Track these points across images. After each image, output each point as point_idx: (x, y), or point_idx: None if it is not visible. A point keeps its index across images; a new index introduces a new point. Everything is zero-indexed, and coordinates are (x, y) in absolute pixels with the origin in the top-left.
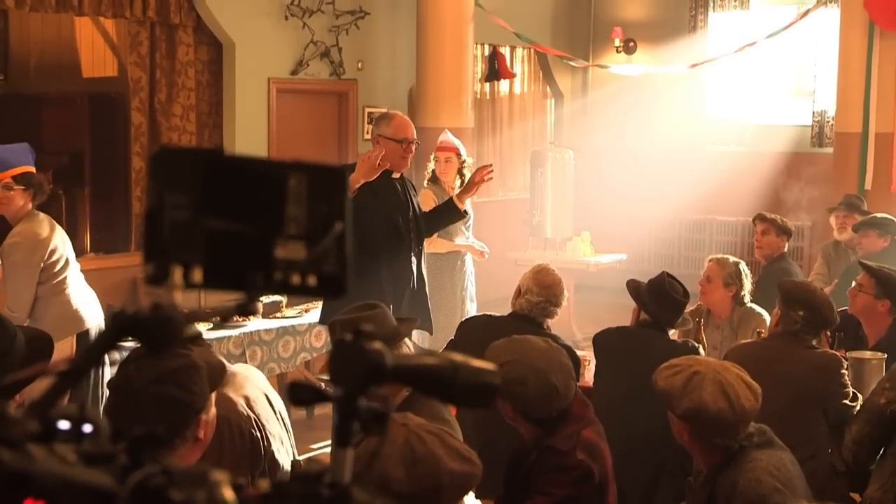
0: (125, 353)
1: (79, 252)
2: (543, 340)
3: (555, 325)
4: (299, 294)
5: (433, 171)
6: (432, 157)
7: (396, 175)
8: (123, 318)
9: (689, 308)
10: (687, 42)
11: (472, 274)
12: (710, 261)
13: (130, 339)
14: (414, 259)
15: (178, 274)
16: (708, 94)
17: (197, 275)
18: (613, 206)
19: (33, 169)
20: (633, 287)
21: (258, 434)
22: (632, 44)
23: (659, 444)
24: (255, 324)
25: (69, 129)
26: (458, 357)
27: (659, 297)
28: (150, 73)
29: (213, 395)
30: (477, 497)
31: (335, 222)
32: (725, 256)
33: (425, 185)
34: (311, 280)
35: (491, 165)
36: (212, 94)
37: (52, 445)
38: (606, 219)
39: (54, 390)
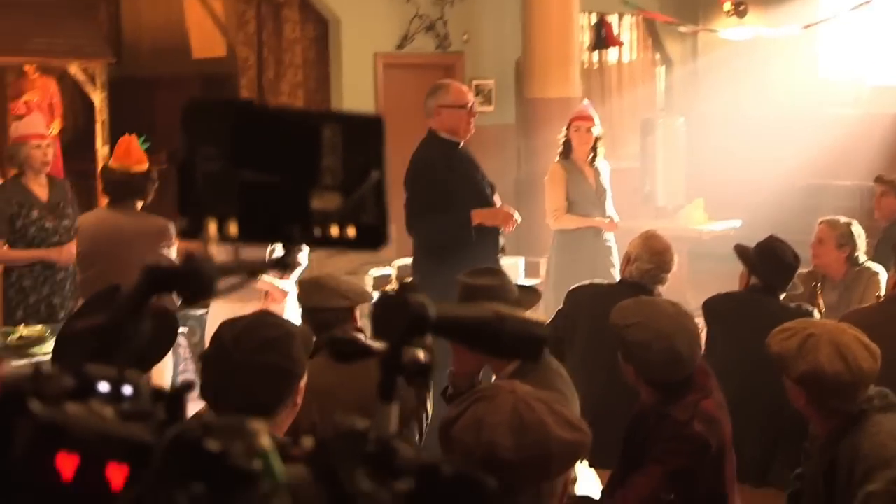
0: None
1: None
2: (671, 304)
3: (669, 293)
4: (338, 247)
5: (564, 143)
6: (564, 128)
7: (461, 144)
8: (156, 272)
9: (803, 271)
10: (800, 2)
11: (608, 249)
12: (821, 223)
13: (164, 292)
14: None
15: (212, 227)
16: (822, 56)
17: (232, 228)
18: (727, 173)
19: None
20: (741, 251)
21: None
22: (742, 7)
23: (775, 410)
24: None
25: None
26: (504, 309)
27: (769, 259)
28: (257, 51)
29: None
30: (591, 467)
31: (371, 171)
32: (837, 217)
33: (556, 160)
34: (350, 231)
35: (516, 221)
36: (319, 70)
37: (88, 402)
38: (720, 185)
39: (90, 346)
